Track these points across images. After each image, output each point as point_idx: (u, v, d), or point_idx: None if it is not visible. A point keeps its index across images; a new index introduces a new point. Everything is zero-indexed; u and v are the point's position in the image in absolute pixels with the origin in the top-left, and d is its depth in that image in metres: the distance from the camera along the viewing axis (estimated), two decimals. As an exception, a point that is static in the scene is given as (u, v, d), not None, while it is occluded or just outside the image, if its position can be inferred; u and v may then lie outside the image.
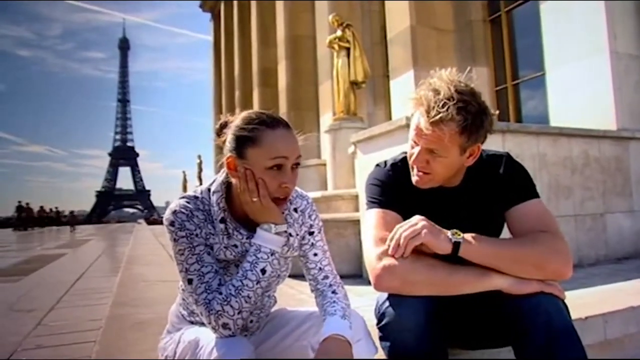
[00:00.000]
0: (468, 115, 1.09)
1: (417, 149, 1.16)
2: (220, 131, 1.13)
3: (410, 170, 1.23)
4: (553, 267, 1.09)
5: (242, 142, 1.06)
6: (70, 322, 2.81)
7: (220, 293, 1.02)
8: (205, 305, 1.01)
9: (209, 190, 1.13)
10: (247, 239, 1.11)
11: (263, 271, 1.03)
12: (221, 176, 1.14)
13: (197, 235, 1.06)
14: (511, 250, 1.10)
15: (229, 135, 1.09)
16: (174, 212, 1.07)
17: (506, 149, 2.37)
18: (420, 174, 1.19)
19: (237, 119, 1.10)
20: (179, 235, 1.05)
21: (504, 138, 3.54)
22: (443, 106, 1.07)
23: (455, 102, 1.07)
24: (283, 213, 1.14)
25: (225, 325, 1.00)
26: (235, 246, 1.11)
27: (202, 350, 1.00)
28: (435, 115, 1.08)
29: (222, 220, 1.10)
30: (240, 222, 1.12)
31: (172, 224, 1.06)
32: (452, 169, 1.19)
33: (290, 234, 1.17)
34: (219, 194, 1.11)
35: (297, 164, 1.09)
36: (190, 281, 1.03)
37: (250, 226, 1.12)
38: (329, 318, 1.11)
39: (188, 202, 1.09)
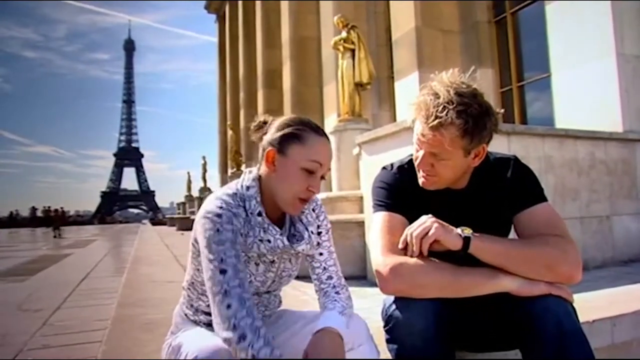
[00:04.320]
0: (469, 118, 1.07)
1: (421, 153, 1.16)
2: (259, 128, 1.17)
3: (417, 172, 1.23)
4: (563, 270, 1.08)
5: (288, 138, 1.10)
6: (76, 322, 2.82)
7: (253, 324, 0.96)
8: (238, 299, 0.97)
9: (242, 186, 1.15)
10: (280, 235, 1.13)
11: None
12: (250, 173, 1.17)
13: (241, 234, 1.07)
14: (521, 250, 1.09)
15: (272, 130, 1.13)
16: (221, 207, 1.06)
17: (512, 151, 2.37)
18: (426, 175, 1.19)
19: (281, 119, 1.15)
20: (224, 227, 1.03)
21: (510, 140, 3.53)
22: (442, 110, 1.06)
23: (454, 105, 1.06)
24: (304, 212, 1.20)
25: (243, 335, 0.94)
26: (269, 241, 1.12)
27: (181, 356, 1.02)
28: (434, 120, 1.07)
29: (260, 214, 1.12)
30: (270, 217, 1.14)
31: (219, 215, 1.04)
32: (458, 171, 1.19)
33: (312, 231, 1.20)
34: (254, 189, 1.14)
35: (324, 177, 1.13)
36: (223, 271, 1.00)
37: (278, 223, 1.16)
38: (326, 312, 1.13)
39: (232, 199, 1.09)
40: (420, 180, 1.21)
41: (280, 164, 1.09)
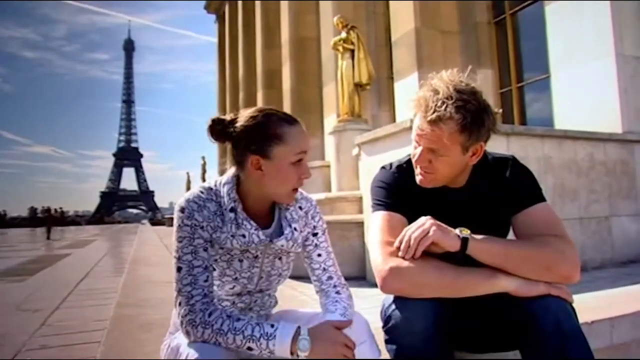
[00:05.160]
0: (467, 113, 1.08)
1: (419, 149, 1.17)
2: (218, 129, 1.12)
3: (415, 169, 1.23)
4: (561, 270, 1.08)
5: (267, 140, 1.08)
6: (75, 322, 2.82)
7: (210, 313, 1.01)
8: (186, 297, 1.03)
9: (219, 183, 1.16)
10: (255, 230, 1.13)
11: (249, 349, 0.99)
12: (231, 170, 1.17)
13: (202, 228, 1.08)
14: (520, 250, 1.09)
15: (242, 135, 1.10)
16: (187, 200, 1.09)
17: (511, 152, 2.36)
18: (424, 173, 1.19)
19: (245, 117, 1.11)
20: (184, 223, 1.07)
21: (509, 140, 3.53)
22: (441, 105, 1.07)
23: (453, 101, 1.07)
24: (288, 209, 1.20)
25: (187, 331, 1.02)
26: (243, 236, 1.12)
27: (181, 356, 1.02)
28: (432, 114, 1.08)
29: (232, 210, 1.12)
30: (250, 215, 1.15)
31: (182, 210, 1.09)
32: (455, 168, 1.19)
33: (295, 229, 1.20)
34: (229, 185, 1.14)
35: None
36: (179, 269, 1.06)
37: (259, 221, 1.15)
38: (328, 315, 1.13)
39: (202, 192, 1.12)
40: (418, 178, 1.21)
41: (268, 167, 1.09)
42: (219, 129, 1.12)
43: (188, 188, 24.24)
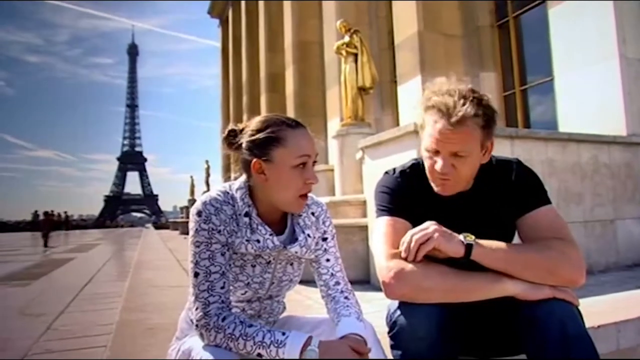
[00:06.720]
0: (486, 109, 1.11)
1: (439, 157, 1.14)
2: (230, 139, 1.15)
3: (431, 181, 1.21)
4: (565, 273, 1.08)
5: (267, 144, 1.09)
6: (80, 326, 2.82)
7: (223, 318, 1.01)
8: (203, 303, 1.03)
9: (232, 188, 1.16)
10: (269, 235, 1.13)
11: (259, 355, 0.99)
12: (243, 177, 1.18)
13: (219, 232, 1.07)
14: (524, 255, 1.09)
15: (247, 141, 1.11)
16: (204, 203, 1.09)
17: (515, 155, 2.35)
18: (444, 180, 1.17)
19: (253, 124, 1.13)
20: (201, 227, 1.07)
21: (513, 144, 3.52)
22: (463, 104, 1.08)
23: (472, 98, 1.09)
24: (301, 216, 1.20)
25: (201, 334, 1.03)
26: (258, 241, 1.12)
27: (197, 357, 1.02)
28: (459, 113, 1.08)
29: (247, 214, 1.12)
30: (263, 221, 1.15)
31: (199, 213, 1.08)
32: (474, 169, 1.19)
33: (308, 235, 1.20)
34: (242, 190, 1.14)
35: (315, 162, 1.13)
36: (196, 274, 1.06)
37: (273, 227, 1.15)
38: (344, 319, 1.12)
39: (219, 195, 1.12)
40: (438, 188, 1.20)
41: (270, 171, 1.09)
42: (231, 139, 1.14)
43: (192, 192, 24.29)
